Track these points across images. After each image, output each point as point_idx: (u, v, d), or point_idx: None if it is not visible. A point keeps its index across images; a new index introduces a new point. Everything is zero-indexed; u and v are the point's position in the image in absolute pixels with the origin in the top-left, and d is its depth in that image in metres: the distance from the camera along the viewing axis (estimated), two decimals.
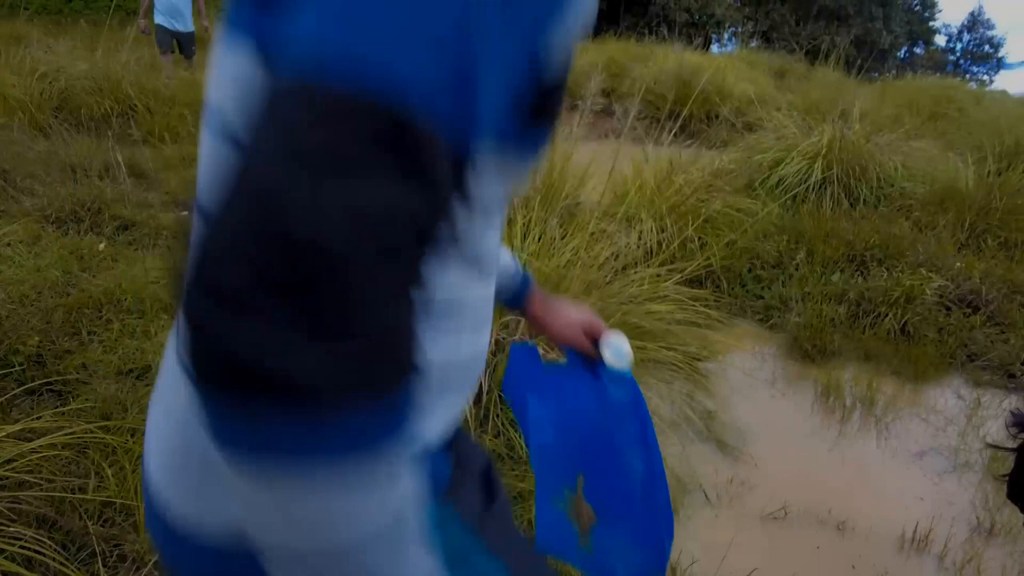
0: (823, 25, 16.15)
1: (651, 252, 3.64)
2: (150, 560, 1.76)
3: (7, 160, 3.84)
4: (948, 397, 3.02)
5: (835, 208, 4.37)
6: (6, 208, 3.47)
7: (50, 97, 4.80)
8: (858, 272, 3.73)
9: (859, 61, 10.06)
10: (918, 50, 28.33)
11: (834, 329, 3.31)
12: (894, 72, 12.51)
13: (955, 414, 2.88)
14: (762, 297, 3.67)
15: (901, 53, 23.92)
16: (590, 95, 4.69)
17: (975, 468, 2.56)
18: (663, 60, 9.04)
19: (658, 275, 3.26)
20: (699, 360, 3.09)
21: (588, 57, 9.41)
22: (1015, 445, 0.77)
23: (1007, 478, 0.79)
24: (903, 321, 3.31)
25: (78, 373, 2.39)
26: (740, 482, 2.40)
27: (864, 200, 4.49)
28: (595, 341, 0.91)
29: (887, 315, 3.33)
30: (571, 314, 0.94)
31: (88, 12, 10.45)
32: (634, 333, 2.79)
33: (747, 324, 3.54)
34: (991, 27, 34.94)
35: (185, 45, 6.54)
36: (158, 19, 6.26)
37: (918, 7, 27.14)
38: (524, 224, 3.15)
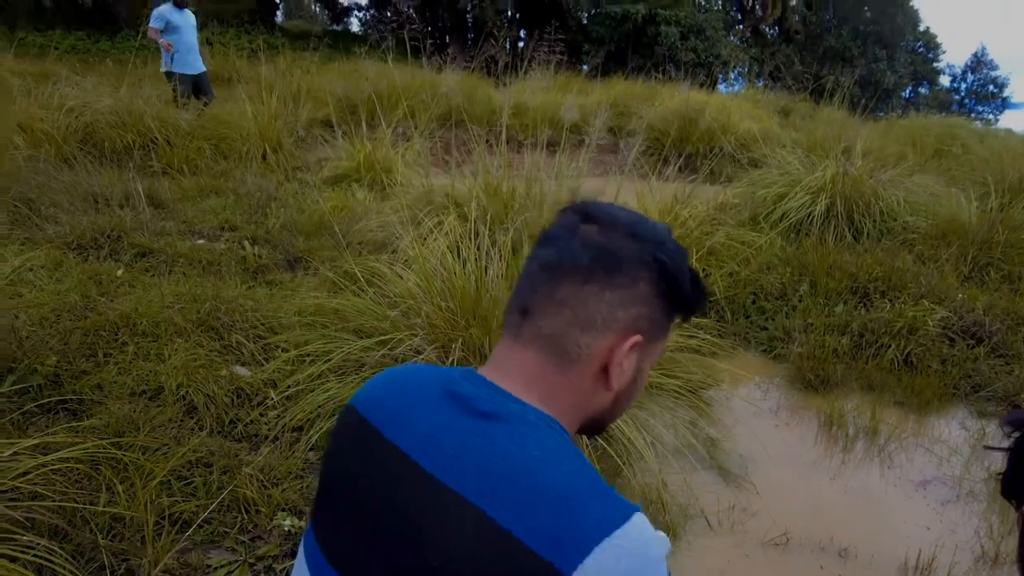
0: (828, 66, 16.42)
1: None
2: (156, 574, 1.80)
3: (33, 190, 3.97)
4: (952, 427, 3.03)
5: (838, 241, 4.42)
6: (30, 235, 3.58)
7: (75, 130, 4.97)
8: (861, 304, 3.76)
9: (863, 100, 10.21)
10: (923, 90, 28.67)
11: (837, 360, 3.33)
12: (899, 111, 12.67)
13: (959, 444, 2.88)
14: (766, 328, 3.70)
15: (906, 93, 24.21)
16: (595, 131, 4.81)
17: (980, 497, 2.56)
18: (669, 99, 9.22)
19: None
20: (702, 388, 3.12)
21: (595, 96, 9.62)
22: (1009, 444, 0.78)
23: (1000, 476, 0.80)
24: (906, 352, 3.33)
25: (93, 393, 2.45)
26: (742, 509, 2.41)
27: (867, 234, 4.54)
28: None
29: (890, 346, 3.35)
30: None
31: (114, 52, 10.83)
32: None
33: (751, 354, 3.57)
34: (995, 67, 35.29)
35: (203, 86, 6.76)
36: (176, 67, 6.48)
37: (922, 48, 27.53)
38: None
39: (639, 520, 0.63)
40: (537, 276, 0.77)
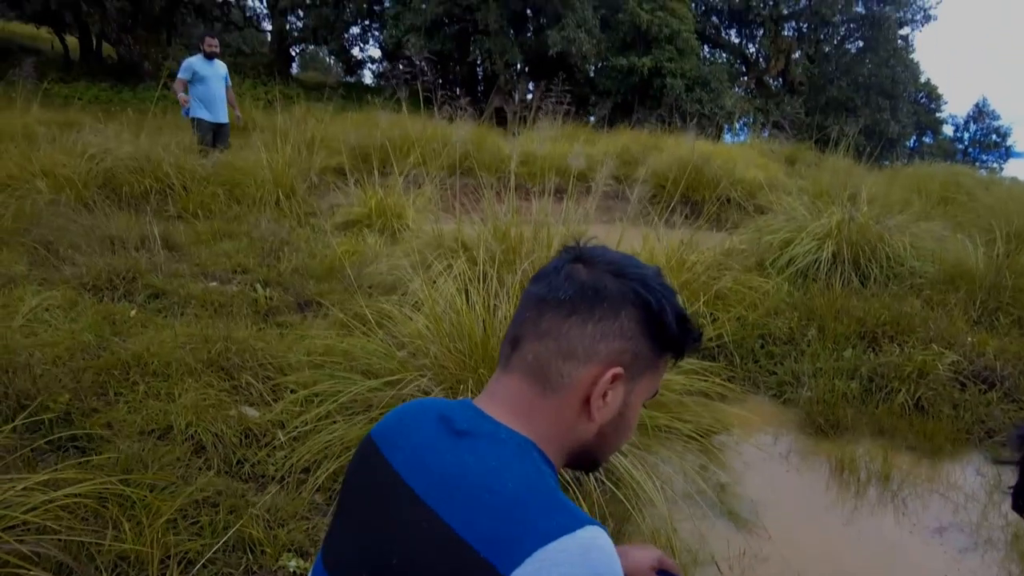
0: (832, 116, 16.70)
1: None
2: None
3: (52, 232, 4.07)
4: (967, 473, 2.98)
5: (845, 286, 4.43)
6: (48, 276, 3.65)
7: (96, 175, 5.11)
8: (870, 348, 3.75)
9: (868, 149, 10.35)
10: (927, 139, 29.06)
11: (847, 404, 3.31)
12: (904, 160, 12.82)
13: (975, 490, 2.83)
14: (775, 372, 3.69)
15: (910, 142, 24.52)
16: (601, 178, 4.90)
17: (998, 546, 2.50)
18: (675, 148, 9.38)
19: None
20: (712, 433, 3.10)
21: (601, 146, 9.81)
22: (1019, 457, 0.78)
23: (1011, 490, 0.80)
24: (917, 396, 3.30)
25: (103, 431, 2.46)
26: (753, 555, 2.37)
27: (874, 279, 4.56)
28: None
29: (900, 390, 3.32)
30: (638, 556, 1.03)
31: (135, 102, 11.18)
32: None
33: (760, 398, 3.55)
34: (996, 118, 35.87)
35: (222, 135, 6.97)
36: (199, 113, 6.71)
37: (924, 99, 28.01)
38: None
39: (586, 533, 0.65)
40: (526, 310, 0.82)
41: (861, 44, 20.24)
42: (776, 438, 3.18)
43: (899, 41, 20.31)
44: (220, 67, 6.90)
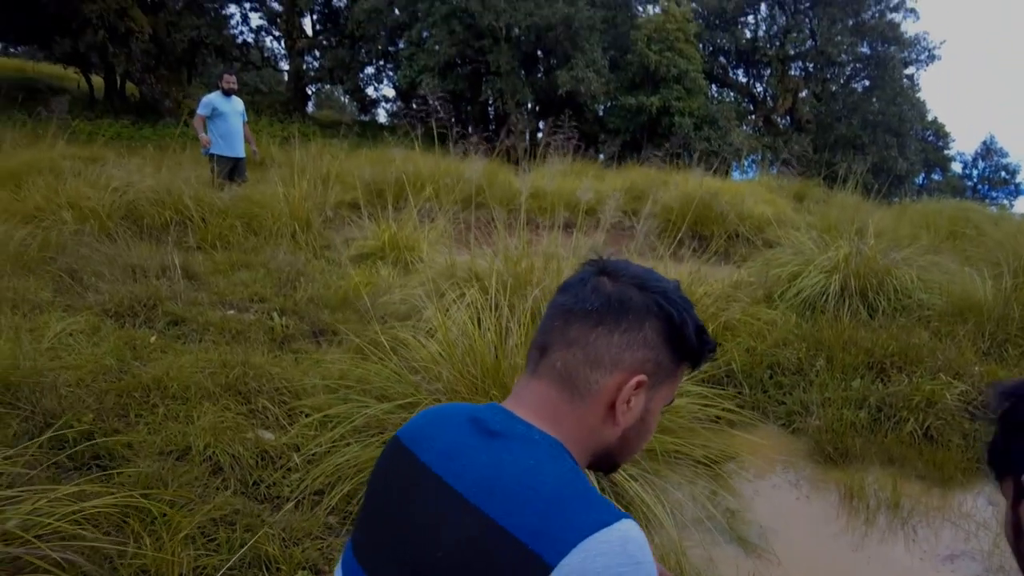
0: (840, 153, 16.87)
1: None
2: None
3: (77, 261, 4.19)
4: (979, 502, 2.97)
5: (853, 318, 4.46)
6: (72, 303, 3.76)
7: (119, 207, 5.27)
8: (878, 378, 3.76)
9: (876, 186, 10.43)
10: (936, 176, 29.23)
11: (855, 433, 3.32)
12: (913, 196, 12.89)
13: (987, 519, 2.83)
14: (783, 402, 3.71)
15: (919, 179, 24.66)
16: (609, 211, 5.01)
17: (1012, 574, 2.49)
18: (683, 184, 9.50)
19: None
20: (721, 461, 3.12)
21: (610, 182, 9.96)
22: (998, 413, 0.79)
23: (987, 445, 0.81)
24: (926, 426, 3.31)
25: (124, 451, 2.53)
26: None
27: (882, 311, 4.59)
28: None
29: (909, 420, 3.33)
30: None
31: (155, 138, 11.50)
32: (657, 427, 2.85)
33: (769, 427, 3.56)
34: (1004, 155, 36.03)
35: (239, 170, 7.17)
36: (217, 147, 6.93)
37: (931, 137, 28.22)
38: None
39: (623, 526, 0.71)
40: (554, 319, 0.88)
41: (867, 83, 20.55)
42: (785, 466, 3.19)
43: (904, 80, 20.61)
44: (238, 103, 7.14)
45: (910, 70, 21.21)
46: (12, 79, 16.52)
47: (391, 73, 20.40)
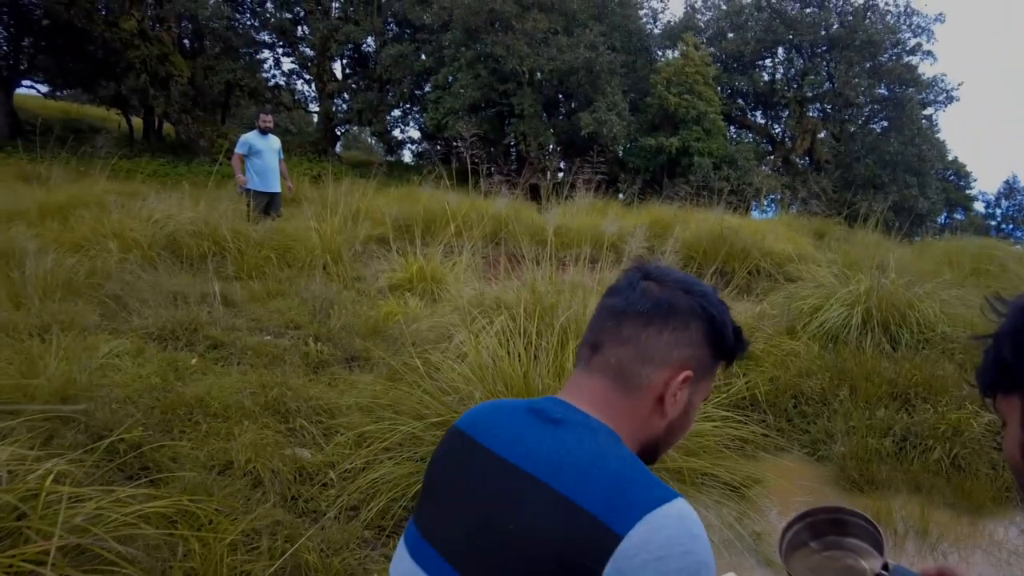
0: (860, 192, 16.91)
1: None
2: None
3: (122, 287, 4.39)
4: (1011, 531, 2.96)
5: (875, 350, 4.48)
6: (117, 326, 3.93)
7: (160, 238, 5.51)
8: (903, 408, 3.77)
9: (898, 225, 10.44)
10: (958, 215, 29.05)
11: (881, 460, 3.33)
12: (935, 235, 12.85)
13: (1019, 546, 2.82)
14: (808, 431, 3.74)
15: (941, 218, 24.55)
16: (633, 245, 5.12)
17: None
18: (704, 221, 9.61)
19: (703, 411, 3.40)
20: (748, 486, 3.14)
21: (632, 219, 10.09)
22: (1005, 330, 0.75)
23: (992, 362, 0.78)
24: (953, 454, 3.32)
25: (169, 463, 2.64)
26: None
27: (905, 343, 4.60)
28: None
29: (935, 448, 3.34)
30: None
31: (190, 175, 11.93)
32: (683, 450, 2.91)
33: (794, 455, 3.59)
34: None
35: (274, 204, 7.44)
36: (253, 183, 7.21)
37: (952, 177, 28.15)
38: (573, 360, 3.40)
39: (680, 503, 0.80)
40: (605, 320, 0.97)
41: (886, 124, 20.67)
42: (812, 491, 3.21)
43: (923, 121, 20.70)
44: (274, 141, 7.44)
45: (928, 111, 21.35)
46: (59, 120, 17.27)
47: (417, 115, 20.96)
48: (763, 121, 23.27)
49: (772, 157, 21.25)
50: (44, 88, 19.46)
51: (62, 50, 16.66)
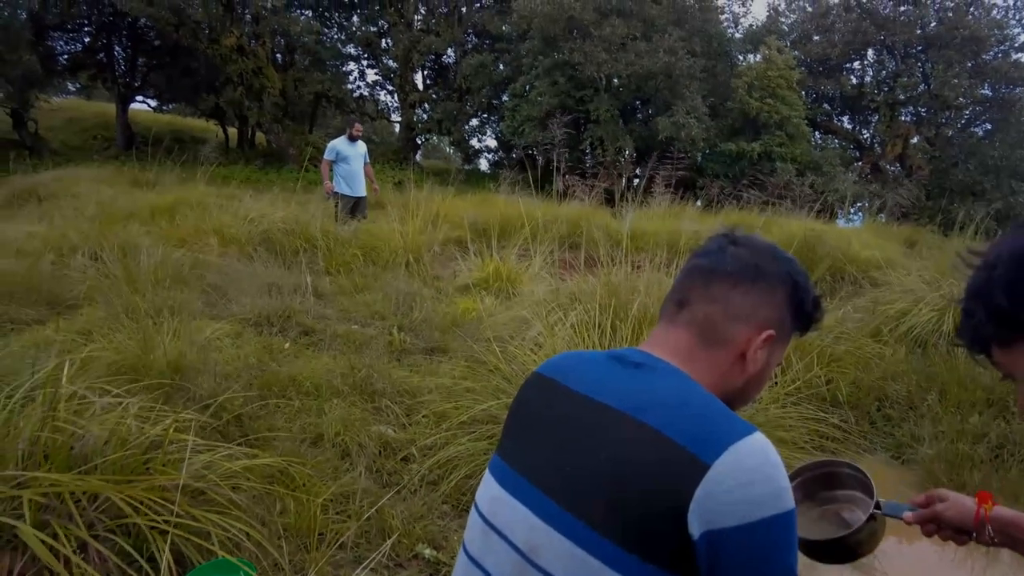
0: (957, 200, 15.97)
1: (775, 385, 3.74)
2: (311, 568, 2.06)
3: (221, 278, 4.74)
4: None
5: (968, 356, 4.27)
6: (218, 312, 4.25)
7: (255, 235, 5.91)
8: (1000, 416, 3.60)
9: (1000, 232, 9.81)
10: None
11: (973, 466, 3.19)
12: None
13: None
14: (892, 435, 3.62)
15: None
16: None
17: None
18: (786, 227, 9.35)
19: (783, 406, 3.35)
20: None
21: (710, 223, 9.93)
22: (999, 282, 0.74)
23: (989, 314, 0.76)
24: None
25: (266, 433, 2.85)
26: None
27: None
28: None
29: None
30: None
31: (280, 181, 12.61)
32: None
33: (878, 457, 3.48)
34: None
35: (360, 207, 7.79)
36: (341, 188, 7.59)
37: None
38: None
39: (760, 436, 0.85)
40: (693, 278, 1.03)
41: (989, 126, 19.43)
42: (896, 492, 3.11)
43: None
44: (361, 147, 7.80)
45: None
46: (166, 132, 18.64)
47: (494, 124, 21.32)
48: (850, 126, 22.34)
49: (860, 163, 20.35)
50: (153, 103, 21.11)
51: (170, 67, 18.03)
